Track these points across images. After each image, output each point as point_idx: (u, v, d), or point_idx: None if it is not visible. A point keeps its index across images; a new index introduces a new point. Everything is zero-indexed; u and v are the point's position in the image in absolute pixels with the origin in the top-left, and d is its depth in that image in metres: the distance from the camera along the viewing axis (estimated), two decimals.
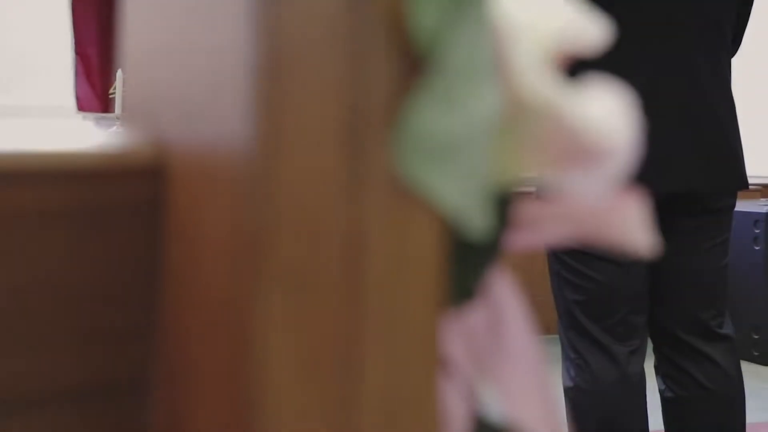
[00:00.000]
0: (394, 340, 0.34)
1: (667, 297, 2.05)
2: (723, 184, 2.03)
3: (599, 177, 0.34)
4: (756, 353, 3.77)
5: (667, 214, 2.00)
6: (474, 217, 0.33)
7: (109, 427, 0.41)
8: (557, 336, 2.11)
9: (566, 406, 2.07)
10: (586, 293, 2.02)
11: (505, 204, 0.36)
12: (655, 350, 2.11)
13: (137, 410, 0.41)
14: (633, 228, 0.36)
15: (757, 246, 3.69)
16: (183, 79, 0.38)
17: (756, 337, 3.75)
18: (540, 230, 0.38)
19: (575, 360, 2.06)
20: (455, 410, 0.36)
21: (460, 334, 0.37)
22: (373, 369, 0.34)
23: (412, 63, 0.34)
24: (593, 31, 0.36)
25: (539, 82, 0.34)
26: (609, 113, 0.34)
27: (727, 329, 2.09)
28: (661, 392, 2.10)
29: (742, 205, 3.77)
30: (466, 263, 0.36)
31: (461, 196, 0.32)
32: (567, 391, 2.07)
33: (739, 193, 2.35)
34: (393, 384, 0.34)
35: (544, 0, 0.36)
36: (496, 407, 0.39)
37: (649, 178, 1.95)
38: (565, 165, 0.35)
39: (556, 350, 2.07)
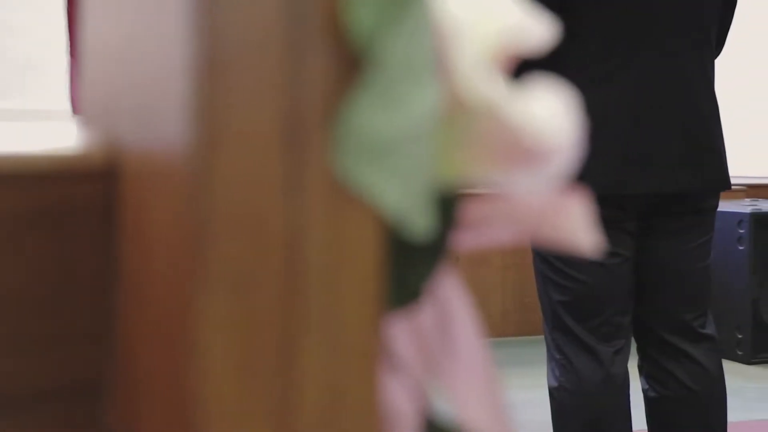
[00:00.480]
0: (334, 340, 0.35)
1: (650, 297, 2.06)
2: (707, 185, 2.03)
3: (541, 176, 0.35)
4: (740, 352, 3.78)
5: (652, 214, 2.01)
6: (416, 217, 0.33)
7: (67, 430, 0.41)
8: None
9: (551, 407, 2.08)
10: (570, 294, 2.02)
11: (449, 204, 0.37)
12: (639, 350, 2.12)
13: (95, 413, 0.41)
14: (578, 227, 0.37)
15: (741, 246, 3.71)
16: (132, 79, 0.38)
17: (740, 336, 3.77)
18: (486, 230, 0.38)
19: (560, 360, 2.06)
20: (403, 409, 0.36)
21: (409, 333, 0.37)
22: (312, 368, 0.34)
23: (350, 61, 0.34)
24: (538, 31, 0.36)
25: (481, 81, 0.34)
26: (551, 113, 0.35)
27: (710, 329, 2.10)
28: (644, 392, 2.11)
29: (727, 206, 3.78)
30: (411, 263, 0.36)
31: (402, 196, 0.32)
32: (552, 391, 2.08)
33: (724, 194, 2.36)
34: (333, 383, 0.34)
35: (489, 0, 0.36)
36: (446, 407, 0.39)
37: (636, 177, 1.97)
38: (508, 164, 0.35)
39: (544, 351, 2.08)
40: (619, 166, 1.94)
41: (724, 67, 4.21)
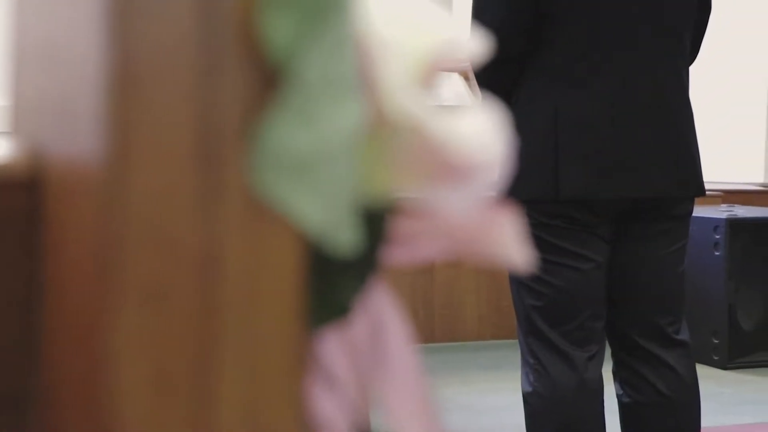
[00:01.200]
0: (252, 355, 0.34)
1: (624, 302, 2.06)
2: (682, 191, 2.04)
3: (468, 192, 0.34)
4: (716, 357, 3.80)
5: (626, 220, 2.01)
6: (339, 233, 0.32)
7: None
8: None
9: (525, 412, 2.08)
10: (544, 299, 2.02)
11: (377, 219, 0.36)
12: (613, 355, 2.12)
13: (21, 425, 0.40)
14: (507, 242, 0.36)
15: (717, 252, 3.72)
16: (55, 85, 0.38)
17: (716, 341, 3.79)
18: (417, 245, 0.37)
19: (534, 365, 2.06)
20: (336, 423, 0.35)
21: (341, 347, 0.36)
22: (229, 382, 0.34)
23: (268, 76, 0.34)
24: (469, 46, 0.36)
25: (406, 98, 0.33)
26: (477, 130, 0.34)
27: (684, 335, 2.11)
28: (618, 397, 2.11)
29: (703, 211, 3.80)
30: (339, 278, 0.35)
31: (323, 212, 0.32)
32: (526, 396, 2.07)
33: (701, 200, 2.36)
34: (250, 398, 0.34)
35: (418, 16, 0.35)
36: (381, 419, 0.38)
37: (610, 182, 1.97)
38: (434, 180, 0.34)
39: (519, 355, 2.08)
40: (594, 171, 1.94)
41: (702, 73, 4.24)
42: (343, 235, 0.32)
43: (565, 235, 1.98)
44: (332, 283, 0.35)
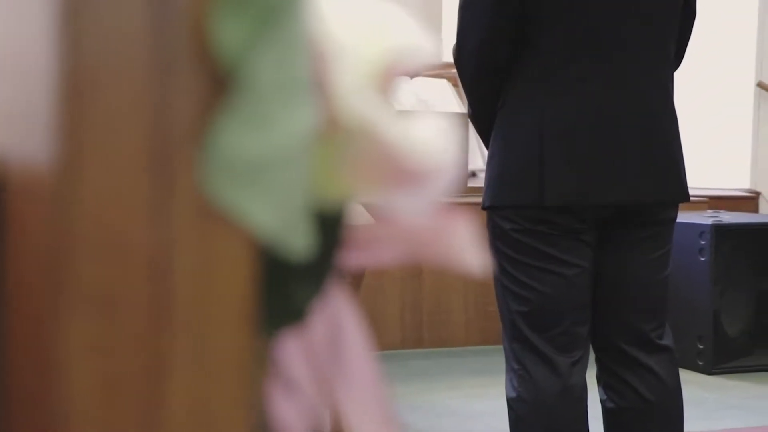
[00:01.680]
0: (203, 359, 0.34)
1: (608, 308, 2.07)
2: (666, 197, 2.05)
3: (421, 197, 0.34)
4: (700, 363, 3.81)
5: (611, 226, 2.02)
6: (292, 237, 0.33)
7: None
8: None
9: (510, 417, 2.08)
10: (529, 304, 2.03)
11: (333, 223, 0.36)
12: (597, 361, 2.12)
13: None
14: (462, 247, 0.36)
15: (703, 257, 3.74)
16: (14, 96, 0.38)
17: (701, 347, 3.80)
18: (374, 250, 0.38)
19: (518, 371, 2.06)
20: (295, 426, 0.35)
21: (300, 352, 0.36)
22: (180, 388, 0.34)
23: (220, 81, 0.34)
24: (426, 50, 0.36)
25: (360, 103, 0.34)
26: (430, 135, 0.34)
27: (667, 340, 2.11)
28: (602, 402, 2.11)
29: (689, 217, 3.82)
30: (294, 283, 0.36)
31: (275, 217, 0.32)
32: (510, 402, 2.08)
33: (686, 205, 2.37)
34: (201, 403, 0.34)
35: (375, 19, 0.35)
36: (338, 423, 0.39)
37: (595, 188, 1.98)
38: (388, 185, 0.34)
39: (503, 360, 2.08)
40: (579, 177, 1.95)
41: (688, 79, 4.26)
42: (296, 240, 0.32)
43: (550, 241, 1.99)
44: (287, 288, 0.35)
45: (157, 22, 0.33)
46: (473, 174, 4.05)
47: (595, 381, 2.11)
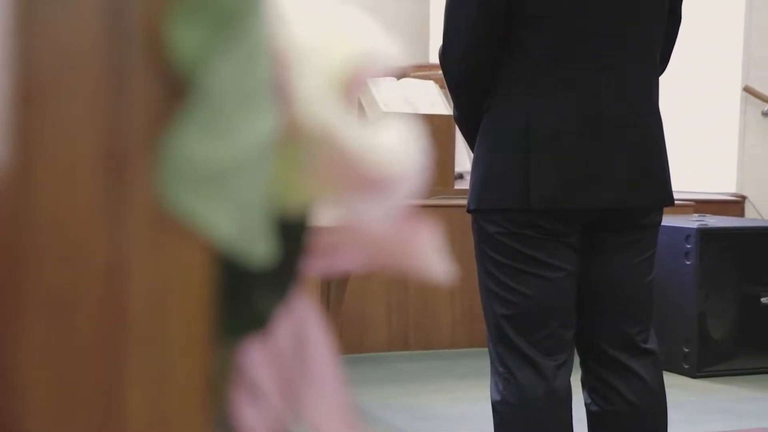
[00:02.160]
0: (159, 367, 0.33)
1: (593, 311, 2.07)
2: (652, 201, 2.05)
3: (384, 204, 0.34)
4: (686, 366, 3.82)
5: (596, 229, 2.02)
6: (252, 244, 0.32)
7: None
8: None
9: (494, 420, 2.08)
10: (514, 307, 2.03)
11: (296, 230, 0.36)
12: (582, 364, 2.12)
13: None
14: (426, 253, 0.36)
15: (688, 261, 3.75)
16: None
17: (686, 350, 3.81)
18: (336, 256, 0.37)
19: (503, 374, 2.06)
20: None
21: (265, 359, 0.36)
22: (136, 397, 0.33)
23: (176, 87, 0.33)
24: (390, 55, 0.36)
25: (322, 109, 0.33)
26: (394, 141, 0.34)
27: (652, 344, 2.12)
28: (586, 406, 2.12)
29: (674, 221, 3.83)
30: (253, 290, 0.35)
31: (234, 224, 0.31)
32: (495, 405, 2.07)
33: (672, 209, 2.38)
34: (159, 411, 0.33)
35: (338, 24, 0.35)
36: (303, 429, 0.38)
37: (580, 192, 1.98)
38: (350, 192, 0.34)
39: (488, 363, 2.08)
40: (565, 180, 1.95)
41: (674, 83, 4.28)
42: (256, 247, 0.32)
43: (536, 244, 1.99)
44: (249, 295, 0.34)
45: (113, 28, 0.32)
46: (460, 176, 4.05)
47: (579, 384, 2.11)
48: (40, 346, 0.32)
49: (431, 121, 3.70)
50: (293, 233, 0.35)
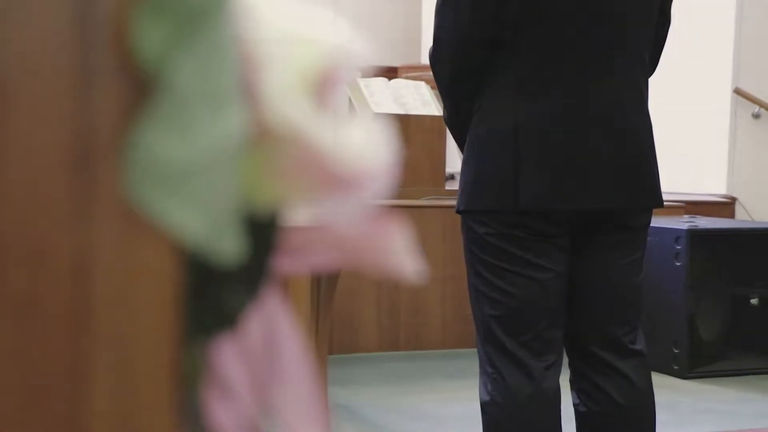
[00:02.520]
0: (125, 366, 0.33)
1: (581, 312, 2.07)
2: (641, 203, 2.06)
3: (354, 203, 0.34)
4: (675, 367, 3.83)
5: (584, 230, 2.02)
6: (220, 243, 0.32)
7: None
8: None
9: (483, 421, 2.07)
10: (503, 308, 2.02)
11: (265, 228, 0.36)
12: (570, 365, 2.12)
13: None
14: (396, 252, 0.36)
15: (678, 262, 3.76)
16: None
17: (676, 351, 3.82)
18: (306, 255, 0.37)
19: (492, 374, 2.06)
20: (231, 431, 0.35)
21: (236, 356, 0.36)
22: (102, 394, 0.33)
23: (142, 87, 0.33)
24: (360, 54, 0.36)
25: (291, 108, 0.33)
26: (363, 141, 0.34)
27: (640, 345, 2.12)
28: (575, 406, 2.12)
29: (665, 222, 3.84)
30: (223, 288, 0.35)
31: (202, 223, 0.31)
32: (483, 405, 2.07)
33: (663, 210, 2.38)
34: (124, 410, 0.33)
35: (306, 25, 0.35)
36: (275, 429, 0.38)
37: (569, 193, 1.99)
38: (321, 191, 0.34)
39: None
40: (554, 181, 1.95)
41: (667, 85, 4.29)
42: (224, 245, 0.32)
43: (525, 245, 1.99)
44: (218, 293, 0.34)
45: (80, 27, 0.32)
46: (451, 177, 4.06)
47: (568, 385, 2.11)
48: (5, 343, 0.31)
49: (422, 121, 3.70)
50: (262, 232, 0.35)
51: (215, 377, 0.35)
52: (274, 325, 0.38)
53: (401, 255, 0.36)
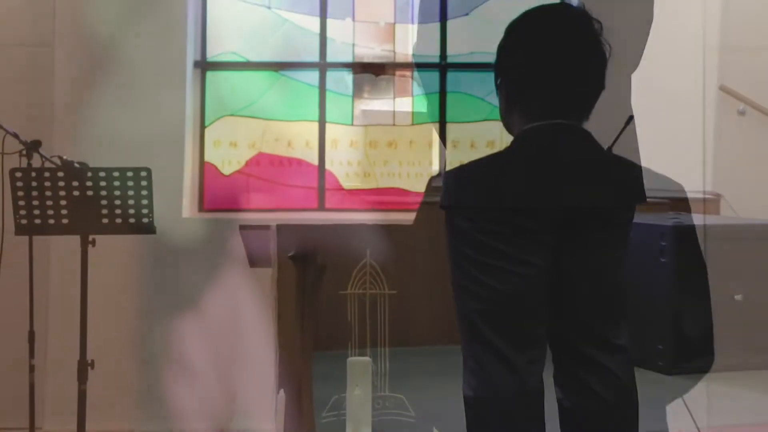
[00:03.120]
0: None
1: (565, 308, 2.07)
2: (624, 199, 2.07)
3: None
4: (660, 363, 3.84)
5: (568, 226, 2.03)
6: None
7: None
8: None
9: (467, 415, 2.08)
10: (487, 303, 2.03)
11: None
12: (554, 360, 2.13)
13: None
14: None
15: (663, 258, 3.77)
16: None
17: (660, 347, 3.83)
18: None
19: (475, 369, 2.07)
20: (193, 412, 0.34)
21: (198, 338, 0.35)
22: None
23: (98, 61, 0.33)
24: None
25: None
26: None
27: (624, 340, 2.13)
28: (558, 401, 2.12)
29: (650, 218, 3.85)
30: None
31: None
32: (467, 400, 2.07)
33: (647, 206, 2.39)
34: None
35: None
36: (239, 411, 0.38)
37: (552, 190, 1.99)
38: None
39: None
40: (535, 178, 1.96)
41: (651, 82, 4.30)
42: None
43: (508, 240, 1.99)
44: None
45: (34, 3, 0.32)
46: (438, 173, 4.05)
47: (552, 380, 2.12)
48: None
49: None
50: None
51: (177, 358, 0.35)
52: (238, 308, 0.38)
53: None
